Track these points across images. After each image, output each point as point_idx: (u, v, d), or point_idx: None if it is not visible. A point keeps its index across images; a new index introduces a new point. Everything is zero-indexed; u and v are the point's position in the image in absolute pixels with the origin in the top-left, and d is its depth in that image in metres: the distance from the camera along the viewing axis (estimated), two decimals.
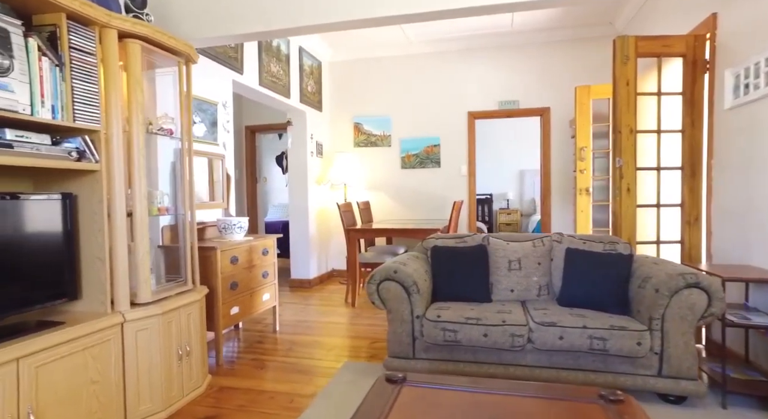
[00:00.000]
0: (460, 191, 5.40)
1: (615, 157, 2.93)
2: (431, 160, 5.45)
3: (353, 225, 4.58)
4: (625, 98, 2.88)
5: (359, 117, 5.63)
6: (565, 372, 2.21)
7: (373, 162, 5.62)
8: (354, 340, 3.17)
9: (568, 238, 2.80)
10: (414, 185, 5.51)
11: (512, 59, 5.19)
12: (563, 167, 5.10)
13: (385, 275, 2.42)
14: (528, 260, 2.73)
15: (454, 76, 5.35)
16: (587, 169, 4.18)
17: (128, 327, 1.92)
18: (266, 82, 4.07)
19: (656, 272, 2.21)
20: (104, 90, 1.88)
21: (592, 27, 4.88)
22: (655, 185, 3.01)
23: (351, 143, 5.68)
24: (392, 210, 5.58)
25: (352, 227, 4.35)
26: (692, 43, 2.90)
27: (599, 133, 4.31)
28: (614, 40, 2.92)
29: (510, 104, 5.19)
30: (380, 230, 4.09)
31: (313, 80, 5.18)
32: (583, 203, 4.19)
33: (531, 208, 8.87)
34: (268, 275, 3.28)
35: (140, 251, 1.99)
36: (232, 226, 2.96)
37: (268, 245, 3.27)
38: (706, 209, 2.89)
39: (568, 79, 5.03)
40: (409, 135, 5.52)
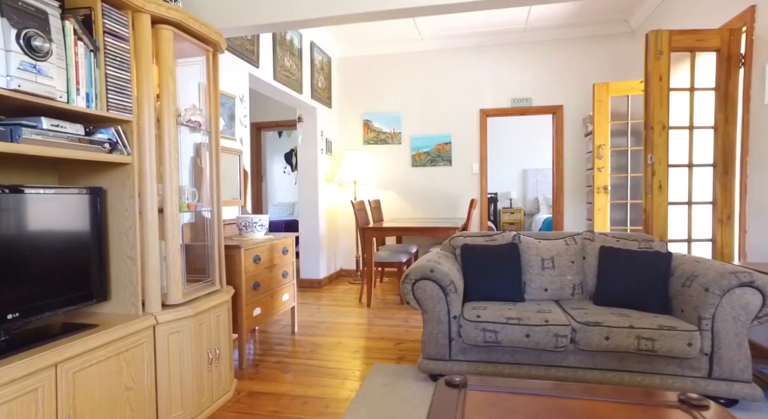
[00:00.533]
0: (471, 190, 5.32)
1: (647, 154, 2.87)
2: (442, 158, 5.37)
3: (367, 224, 4.49)
4: (657, 94, 2.82)
5: (369, 114, 5.54)
6: (610, 373, 2.14)
7: (383, 160, 5.53)
8: (377, 341, 3.08)
9: (601, 236, 2.74)
10: (425, 183, 5.43)
11: (526, 57, 5.13)
12: (576, 165, 5.05)
13: (421, 274, 2.33)
14: (561, 258, 2.66)
15: (466, 73, 5.28)
16: (605, 167, 4.12)
17: (160, 330, 1.82)
18: (280, 77, 3.96)
19: (703, 271, 2.15)
20: (136, 78, 1.77)
21: (607, 25, 4.83)
22: (687, 183, 2.96)
23: (360, 141, 5.58)
24: (402, 209, 5.49)
25: (367, 225, 4.25)
26: (728, 37, 2.85)
27: (616, 131, 4.27)
28: (647, 35, 2.86)
29: (523, 102, 5.13)
30: (398, 229, 4.00)
31: (323, 76, 5.08)
32: (601, 202, 4.14)
33: (534, 207, 8.83)
34: (288, 275, 3.18)
35: (172, 250, 1.89)
36: (254, 224, 2.85)
37: (287, 244, 3.17)
38: (739, 206, 2.84)
39: (581, 78, 4.98)
40: (420, 133, 5.44)
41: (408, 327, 3.41)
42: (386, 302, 4.26)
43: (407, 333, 3.27)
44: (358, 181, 5.11)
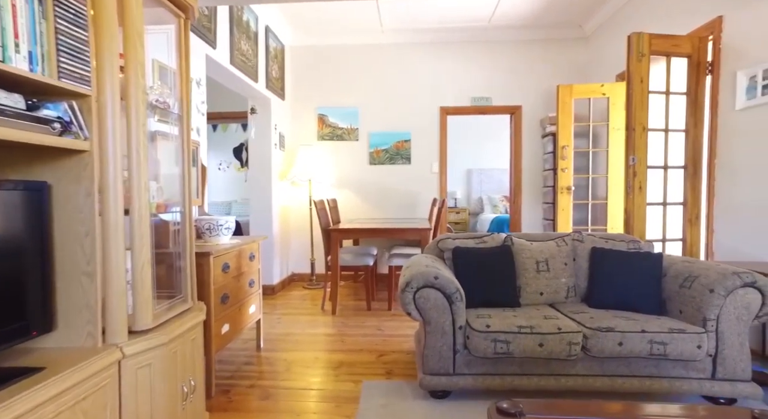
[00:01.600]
0: (431, 189, 5.21)
1: (628, 155, 2.90)
2: (401, 156, 5.20)
3: (329, 225, 4.18)
4: (639, 96, 2.86)
5: (324, 108, 5.21)
6: (620, 379, 2.08)
7: (339, 157, 5.24)
8: (357, 354, 2.81)
9: (589, 237, 2.70)
10: (383, 182, 5.22)
11: (486, 56, 5.11)
12: (532, 166, 5.13)
13: (423, 281, 2.12)
14: (555, 260, 2.58)
15: (427, 69, 5.15)
16: (569, 168, 4.19)
17: (127, 365, 1.42)
18: (237, 62, 3.53)
19: (702, 272, 2.16)
20: (95, 40, 1.37)
21: (564, 29, 4.95)
22: (661, 184, 3.03)
23: (315, 136, 5.24)
24: (359, 209, 5.24)
25: (330, 226, 3.95)
26: (697, 44, 2.95)
27: (576, 132, 4.36)
28: (629, 37, 2.88)
29: (483, 101, 5.11)
30: (368, 230, 3.75)
31: (277, 65, 4.67)
32: (565, 202, 4.20)
33: (479, 207, 8.99)
34: (254, 284, 2.80)
35: (140, 262, 1.49)
36: (218, 227, 2.46)
37: (254, 249, 2.80)
38: (707, 207, 2.96)
39: (538, 79, 5.06)
40: (379, 129, 5.22)
41: (384, 336, 3.17)
42: (351, 308, 3.99)
43: (386, 342, 3.04)
44: (313, 179, 4.77)
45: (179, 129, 1.80)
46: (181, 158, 1.80)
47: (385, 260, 5.11)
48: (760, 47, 2.56)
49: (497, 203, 8.50)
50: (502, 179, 8.90)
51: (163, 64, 1.99)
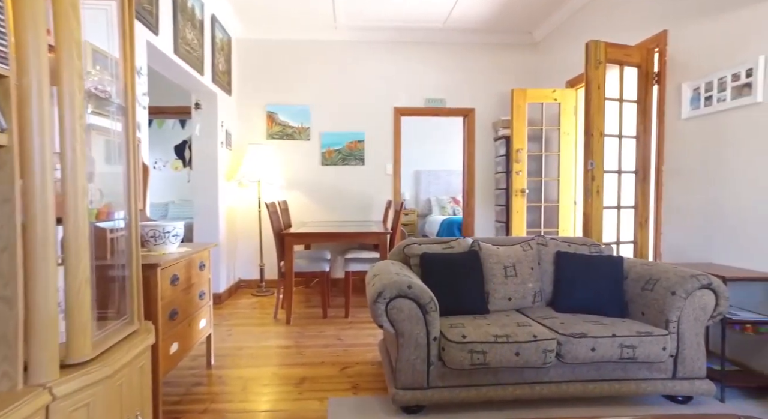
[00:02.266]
0: (385, 192, 5.11)
1: (587, 159, 2.96)
2: (355, 157, 5.06)
3: (283, 229, 3.95)
4: (597, 102, 2.92)
5: (274, 106, 4.95)
6: (591, 384, 2.08)
7: (290, 157, 5.00)
8: (319, 368, 2.64)
9: (552, 241, 2.72)
10: (335, 183, 5.05)
11: (441, 57, 5.10)
12: (485, 168, 5.18)
13: (396, 291, 2.00)
14: (522, 265, 2.56)
15: (381, 69, 5.05)
16: (523, 171, 4.26)
17: (58, 408, 1.17)
18: (182, 52, 3.22)
19: (662, 274, 2.22)
20: (13, 9, 1.11)
21: (515, 34, 5.05)
22: (615, 188, 3.13)
23: (264, 135, 4.96)
24: (310, 211, 5.03)
25: (285, 230, 3.73)
26: (645, 55, 3.08)
27: (530, 136, 4.45)
28: (587, 44, 2.94)
29: (437, 103, 5.10)
30: (325, 235, 3.57)
31: (223, 58, 4.36)
32: (519, 204, 4.27)
33: (427, 209, 9.04)
34: (205, 296, 2.55)
35: (78, 281, 1.25)
36: (165, 234, 2.19)
37: (204, 257, 2.54)
38: (655, 211, 3.10)
39: (491, 83, 5.13)
40: (331, 129, 5.04)
41: (345, 346, 3.02)
42: (305, 316, 3.79)
43: (347, 353, 2.89)
44: (262, 180, 4.51)
45: (124, 123, 1.55)
46: (127, 157, 1.55)
47: (340, 264, 4.95)
48: (702, 61, 2.71)
49: (445, 204, 8.58)
50: (449, 181, 9.02)
51: (98, 49, 1.71)
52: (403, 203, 4.02)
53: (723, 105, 2.54)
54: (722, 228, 2.58)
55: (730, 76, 2.51)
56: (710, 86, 2.63)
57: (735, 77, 2.48)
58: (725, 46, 2.56)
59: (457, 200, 8.63)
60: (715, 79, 2.59)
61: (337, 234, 3.59)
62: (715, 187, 2.64)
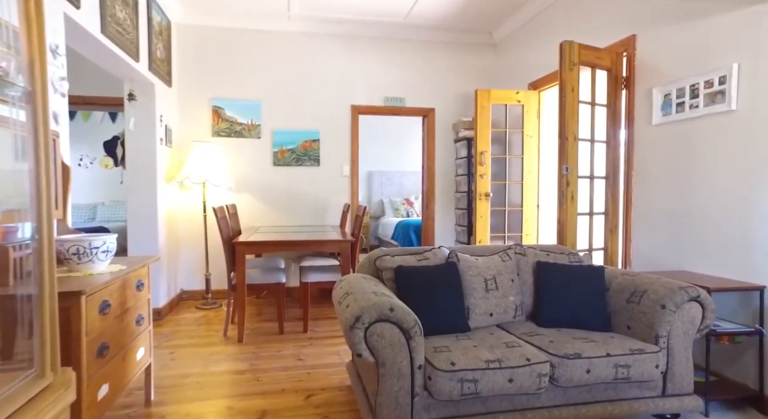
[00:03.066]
0: (342, 194, 4.83)
1: (561, 164, 2.86)
2: (309, 157, 4.74)
3: (233, 236, 3.57)
4: (571, 105, 2.83)
5: (220, 100, 4.51)
6: (584, 407, 1.95)
7: (238, 156, 4.58)
8: (280, 397, 2.33)
9: (530, 250, 2.59)
10: (289, 185, 4.70)
11: (401, 54, 4.89)
12: (444, 170, 5.05)
13: (377, 314, 1.74)
14: (502, 277, 2.40)
15: (338, 64, 4.75)
16: (487, 174, 4.15)
17: None
18: (111, 32, 2.76)
19: (648, 286, 2.13)
20: None
21: (475, 34, 4.95)
22: (588, 194, 3.06)
23: (209, 132, 4.51)
24: (261, 215, 4.65)
25: (236, 238, 3.35)
26: (615, 58, 3.04)
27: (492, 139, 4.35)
28: (561, 44, 2.84)
29: (396, 101, 4.89)
30: (283, 243, 3.24)
31: (162, 44, 3.88)
32: (483, 208, 4.16)
33: (379, 210, 8.84)
34: (143, 320, 2.15)
35: None
36: (92, 250, 1.79)
37: (143, 274, 2.15)
38: (624, 217, 3.07)
39: (451, 83, 5.00)
40: (284, 127, 4.68)
41: (307, 368, 2.73)
42: (259, 332, 3.44)
43: (311, 377, 2.60)
44: (208, 181, 4.07)
45: (30, 111, 1.18)
46: (35, 153, 1.18)
47: (294, 272, 4.60)
48: (673, 67, 2.69)
49: (399, 206, 8.42)
50: (402, 182, 8.87)
51: None
52: (365, 209, 3.76)
53: (696, 112, 2.52)
54: (692, 235, 2.57)
55: (702, 82, 2.48)
56: (682, 92, 2.60)
57: (708, 84, 2.46)
58: (697, 52, 2.54)
59: (411, 201, 8.50)
60: (687, 86, 2.57)
61: (294, 242, 3.27)
62: (685, 193, 2.62)
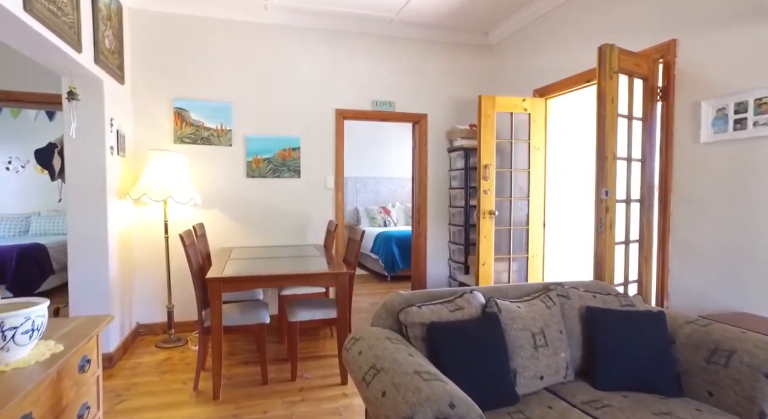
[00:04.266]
0: (325, 209, 4.30)
1: (599, 187, 2.47)
2: (289, 167, 4.17)
3: (204, 267, 2.97)
4: (611, 119, 2.46)
5: (184, 100, 3.87)
6: None
7: (206, 167, 3.95)
8: None
9: (573, 291, 2.18)
10: (265, 199, 4.12)
11: (390, 54, 4.41)
12: (436, 182, 4.61)
13: (433, 414, 1.26)
14: (551, 329, 1.97)
15: (321, 62, 4.21)
16: (491, 189, 3.75)
17: None
18: (39, 10, 2.10)
19: (736, 344, 1.76)
20: None
21: (469, 34, 4.54)
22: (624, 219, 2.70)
23: (170, 138, 3.85)
24: (233, 234, 4.04)
25: (213, 273, 2.76)
26: (651, 66, 2.70)
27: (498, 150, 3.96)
28: (600, 48, 2.46)
29: (386, 106, 4.40)
30: (266, 278, 2.68)
31: (112, 32, 3.20)
32: (488, 227, 3.75)
33: (354, 219, 8.32)
34: (90, 409, 1.56)
35: None
36: (9, 332, 1.20)
37: (89, 349, 1.55)
38: (658, 244, 2.74)
39: (444, 87, 4.57)
40: (259, 132, 4.09)
41: None
42: (238, 382, 2.87)
43: None
44: (172, 197, 3.43)
45: None
46: None
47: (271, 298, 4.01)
48: (728, 77, 2.36)
49: (375, 215, 7.95)
50: (378, 189, 8.40)
51: None
52: (363, 234, 3.23)
53: (763, 130, 2.19)
54: (754, 272, 2.25)
55: None
56: (743, 107, 2.28)
57: None
58: (761, 60, 2.21)
59: (388, 209, 8.05)
60: (750, 99, 2.24)
61: (282, 277, 2.72)
62: (744, 223, 2.30)
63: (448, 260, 4.65)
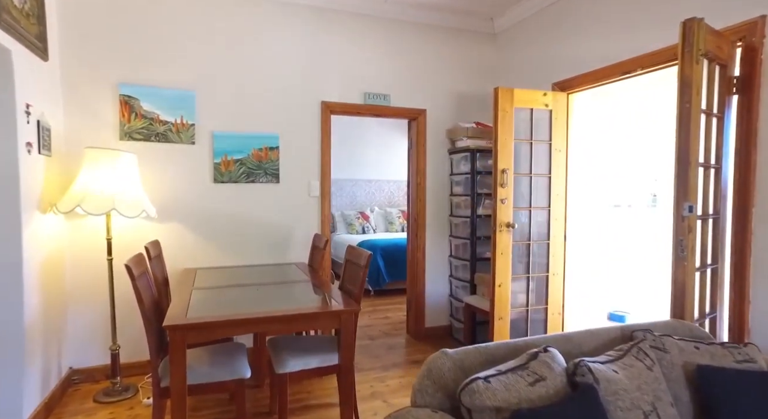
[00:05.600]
0: (309, 221, 3.63)
1: (680, 201, 1.95)
2: (266, 170, 3.47)
3: (159, 309, 2.24)
4: (696, 116, 1.93)
5: (133, 86, 3.08)
6: None
7: (163, 170, 3.19)
8: None
9: (669, 341, 1.64)
10: (236, 209, 3.39)
11: (385, 40, 3.78)
12: (434, 188, 4.02)
13: None
14: (662, 404, 1.41)
15: (303, 46, 3.53)
16: (509, 198, 3.20)
17: None
18: None
19: None
20: None
21: (473, 18, 3.98)
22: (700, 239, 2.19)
23: (115, 133, 3.06)
24: (197, 252, 3.29)
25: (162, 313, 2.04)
26: (729, 50, 2.21)
27: None
28: (684, 24, 1.93)
29: (379, 99, 3.77)
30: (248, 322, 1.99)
31: None
32: (504, 242, 3.19)
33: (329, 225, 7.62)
34: None
35: None
36: None
37: None
38: (732, 268, 2.25)
39: (441, 79, 3.99)
40: (229, 128, 3.37)
41: None
42: None
43: None
44: (117, 209, 2.65)
45: None
46: None
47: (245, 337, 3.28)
48: None
49: (353, 221, 7.30)
50: (354, 193, 7.76)
51: None
52: (369, 258, 2.56)
53: None
54: None
55: None
56: None
57: None
58: None
59: (366, 215, 7.42)
60: None
61: (268, 319, 2.03)
62: None
63: (448, 277, 4.07)
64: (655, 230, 4.01)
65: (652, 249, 4.00)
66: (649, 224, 4.01)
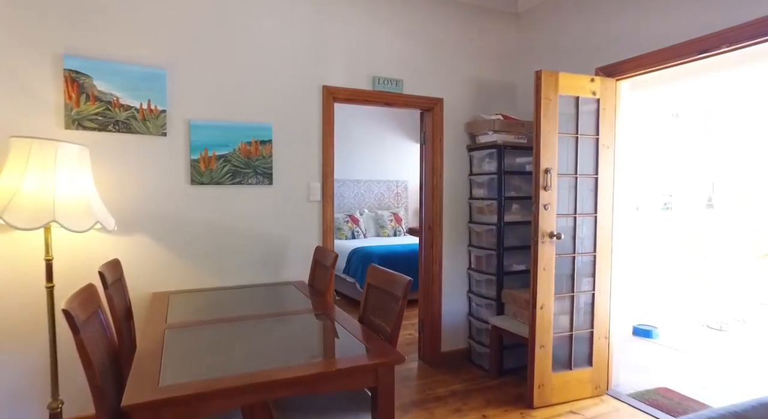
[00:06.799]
0: (309, 231, 3.01)
1: None
2: (256, 169, 2.82)
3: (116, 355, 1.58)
4: None
5: (82, 59, 2.38)
6: None
7: (123, 167, 2.49)
8: None
9: None
10: (218, 217, 2.74)
11: (397, 15, 3.20)
12: (451, 190, 3.46)
13: None
14: None
15: (301, 16, 2.91)
16: (553, 203, 2.67)
17: None
18: None
19: None
20: None
21: None
22: None
23: (59, 119, 2.35)
24: (170, 271, 2.61)
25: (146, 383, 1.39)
26: None
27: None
28: None
29: (391, 85, 3.18)
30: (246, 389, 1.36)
31: None
32: (547, 255, 2.67)
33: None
34: None
35: None
36: None
37: None
38: None
39: (458, 64, 3.44)
40: (210, 116, 2.70)
41: None
42: None
43: None
44: (58, 219, 1.96)
45: None
46: None
47: None
48: None
49: (341, 225, 6.69)
50: (342, 194, 7.14)
51: None
52: (409, 283, 1.94)
53: None
54: None
55: None
56: None
57: None
58: None
59: (355, 218, 6.82)
60: None
61: (276, 383, 1.41)
62: None
63: (467, 293, 3.52)
64: (703, 235, 3.59)
65: (700, 256, 3.58)
66: (699, 229, 3.59)
